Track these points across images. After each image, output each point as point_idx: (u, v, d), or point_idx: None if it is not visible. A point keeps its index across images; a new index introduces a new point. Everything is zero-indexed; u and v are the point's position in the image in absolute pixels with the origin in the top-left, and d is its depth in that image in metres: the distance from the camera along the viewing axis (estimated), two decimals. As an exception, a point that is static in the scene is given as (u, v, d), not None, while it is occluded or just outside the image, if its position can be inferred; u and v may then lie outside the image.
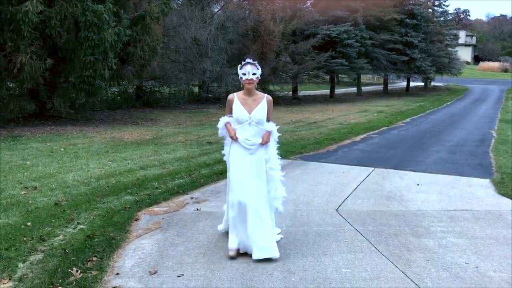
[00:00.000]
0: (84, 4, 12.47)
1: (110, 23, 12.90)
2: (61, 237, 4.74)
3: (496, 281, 4.01)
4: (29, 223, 5.06)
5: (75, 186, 6.78)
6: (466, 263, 4.37)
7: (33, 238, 4.67)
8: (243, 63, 4.50)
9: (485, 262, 4.39)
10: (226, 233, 4.70)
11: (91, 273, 3.94)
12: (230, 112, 4.58)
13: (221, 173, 7.77)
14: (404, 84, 44.72)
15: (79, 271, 3.93)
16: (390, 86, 41.64)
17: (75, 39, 13.09)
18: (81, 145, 10.36)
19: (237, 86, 22.46)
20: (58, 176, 7.33)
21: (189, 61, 21.13)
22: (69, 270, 3.95)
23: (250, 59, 4.52)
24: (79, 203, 5.91)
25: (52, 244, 4.54)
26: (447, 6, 45.37)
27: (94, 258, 4.23)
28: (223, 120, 4.65)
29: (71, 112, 14.40)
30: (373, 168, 8.66)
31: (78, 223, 5.17)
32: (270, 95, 4.61)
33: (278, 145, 4.67)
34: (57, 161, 8.51)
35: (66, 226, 5.06)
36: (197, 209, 5.81)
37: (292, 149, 10.45)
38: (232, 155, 4.53)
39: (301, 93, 30.75)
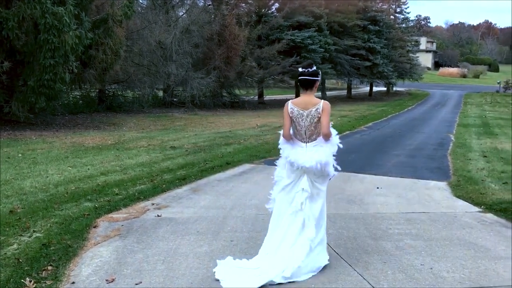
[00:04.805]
0: (43, 6, 12.17)
1: (71, 26, 12.64)
2: (15, 246, 4.60)
3: (449, 282, 4.13)
4: (-19, 232, 4.89)
5: (32, 193, 6.59)
6: (421, 265, 4.49)
7: (-15, 247, 4.51)
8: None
9: (439, 263, 4.53)
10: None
11: (45, 282, 3.83)
12: None
13: (184, 179, 7.74)
14: (367, 89, 45.67)
15: (32, 281, 3.81)
16: (353, 91, 42.44)
17: (34, 41, 12.75)
18: (40, 151, 10.09)
19: (202, 90, 22.45)
20: (15, 183, 7.11)
21: (153, 64, 20.94)
22: (22, 280, 3.83)
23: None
24: (36, 210, 5.75)
25: (5, 253, 4.40)
26: (408, 13, 46.63)
27: (49, 267, 4.12)
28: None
29: (30, 117, 14.00)
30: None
31: (34, 231, 5.02)
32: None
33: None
34: (14, 167, 8.26)
35: (21, 235, 4.91)
36: (158, 216, 5.75)
37: (256, 154, 10.50)
38: None
39: (267, 97, 30.93)
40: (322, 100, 4.20)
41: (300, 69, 4.23)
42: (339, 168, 4.33)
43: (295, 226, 4.22)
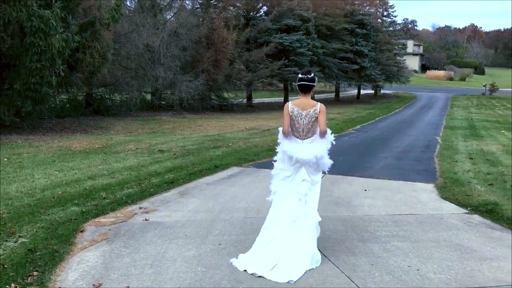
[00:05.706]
0: (29, 9, 12.05)
1: (57, 29, 12.52)
2: (0, 251, 4.54)
3: (436, 283, 4.17)
4: (-35, 238, 4.82)
5: (18, 197, 6.52)
6: (408, 266, 4.52)
7: (-31, 253, 4.45)
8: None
9: (426, 265, 4.56)
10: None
11: (31, 288, 3.80)
12: None
13: (172, 182, 7.71)
14: (355, 92, 45.93)
15: (17, 287, 3.77)
16: (341, 94, 42.66)
17: (20, 44, 12.61)
18: (26, 155, 9.99)
19: (191, 93, 22.40)
20: (0, 188, 7.02)
21: (141, 67, 20.84)
22: (7, 286, 3.78)
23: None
24: (22, 215, 5.68)
25: (-10, 259, 4.35)
26: (395, 16, 47.06)
27: (35, 273, 4.07)
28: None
29: (16, 121, 13.85)
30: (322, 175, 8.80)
31: (20, 236, 4.96)
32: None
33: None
34: (-1, 172, 8.16)
35: (7, 240, 4.85)
36: (146, 219, 5.72)
37: (245, 157, 10.49)
38: None
39: (255, 100, 30.96)
40: (319, 103, 4.73)
41: (300, 75, 4.84)
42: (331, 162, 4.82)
43: (301, 215, 4.66)
